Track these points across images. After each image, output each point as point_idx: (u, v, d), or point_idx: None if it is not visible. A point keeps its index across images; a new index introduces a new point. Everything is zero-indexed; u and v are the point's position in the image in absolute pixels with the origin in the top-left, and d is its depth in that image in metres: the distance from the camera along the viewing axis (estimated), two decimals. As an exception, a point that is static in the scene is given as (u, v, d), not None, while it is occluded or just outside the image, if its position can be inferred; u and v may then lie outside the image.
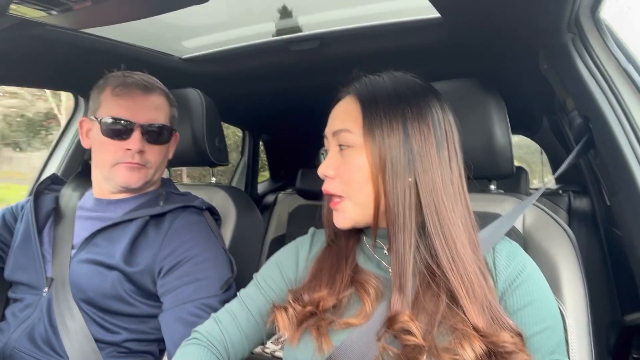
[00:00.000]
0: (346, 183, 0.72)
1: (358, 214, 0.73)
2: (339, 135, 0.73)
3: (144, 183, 1.07)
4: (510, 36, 1.04)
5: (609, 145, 0.88)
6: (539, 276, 0.71)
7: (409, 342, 0.63)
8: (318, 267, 0.78)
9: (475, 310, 0.64)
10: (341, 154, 0.74)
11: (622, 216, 0.94)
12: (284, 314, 0.73)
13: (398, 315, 0.65)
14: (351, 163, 0.72)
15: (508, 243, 0.76)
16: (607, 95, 0.89)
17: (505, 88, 0.99)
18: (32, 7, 0.81)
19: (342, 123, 0.74)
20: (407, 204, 0.68)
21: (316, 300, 0.72)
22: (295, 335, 0.71)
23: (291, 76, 1.54)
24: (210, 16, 1.23)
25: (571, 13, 0.86)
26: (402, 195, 0.68)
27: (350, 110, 0.74)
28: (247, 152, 2.58)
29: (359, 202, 0.72)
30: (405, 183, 0.69)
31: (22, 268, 1.05)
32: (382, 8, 1.19)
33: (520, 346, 0.63)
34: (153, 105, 1.06)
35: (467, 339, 0.62)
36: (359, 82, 0.76)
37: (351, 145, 0.72)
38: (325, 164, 0.75)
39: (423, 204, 0.69)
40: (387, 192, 0.69)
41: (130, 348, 0.98)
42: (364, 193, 0.71)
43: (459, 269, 0.66)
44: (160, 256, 0.99)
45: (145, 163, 1.05)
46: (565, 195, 2.16)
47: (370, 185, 0.70)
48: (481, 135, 0.95)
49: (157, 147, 1.06)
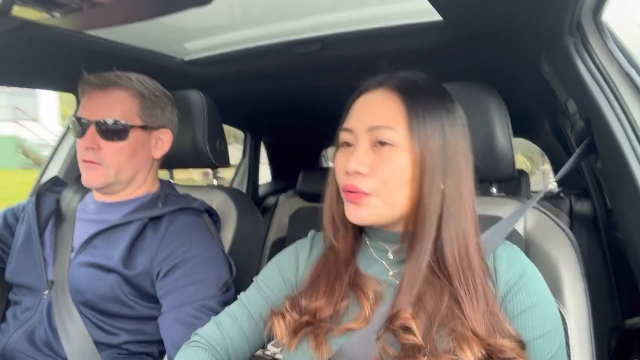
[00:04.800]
0: (382, 182, 0.68)
1: (384, 213, 0.70)
2: (378, 131, 0.69)
3: (105, 184, 1.04)
4: (511, 39, 1.04)
5: (610, 149, 0.88)
6: (540, 280, 0.71)
7: (408, 341, 0.63)
8: (316, 274, 0.77)
9: (477, 317, 0.64)
10: (376, 151, 0.69)
11: (624, 219, 0.94)
12: (281, 321, 0.72)
13: (400, 312, 0.65)
14: (391, 162, 0.68)
15: (508, 246, 0.75)
16: (608, 98, 0.89)
17: (506, 91, 0.99)
18: (35, 9, 0.81)
19: (383, 119, 0.69)
20: (436, 210, 0.68)
21: (313, 310, 0.71)
22: (293, 343, 0.71)
23: (293, 78, 1.55)
24: (212, 18, 1.23)
25: (573, 16, 0.86)
26: (435, 201, 0.68)
27: (390, 106, 0.70)
28: (248, 154, 2.58)
29: (390, 202, 0.69)
30: (438, 189, 0.68)
31: (23, 270, 1.05)
32: (384, 11, 1.18)
33: (519, 352, 0.63)
34: (109, 101, 1.03)
35: (466, 342, 0.61)
36: (397, 78, 0.73)
37: (393, 144, 0.68)
38: (358, 159, 0.69)
39: (445, 211, 0.68)
40: (423, 196, 0.68)
41: (130, 350, 0.98)
42: (399, 194, 0.69)
43: (467, 278, 0.66)
44: (158, 258, 0.98)
45: (99, 160, 1.02)
46: (566, 198, 2.15)
47: (408, 188, 0.68)
48: (482, 138, 0.95)
49: (113, 144, 1.02)
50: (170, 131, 1.13)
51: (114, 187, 1.07)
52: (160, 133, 1.11)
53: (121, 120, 1.02)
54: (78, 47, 1.18)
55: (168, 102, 1.12)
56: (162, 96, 1.11)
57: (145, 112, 1.07)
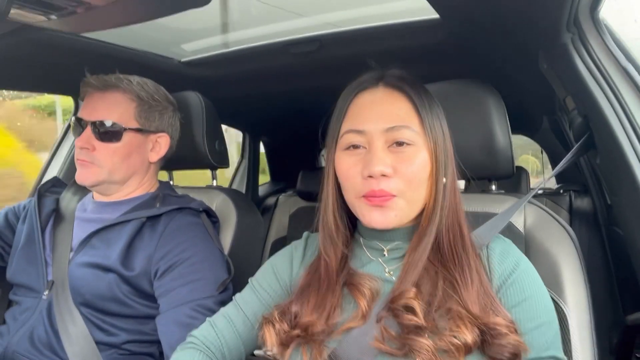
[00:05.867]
0: (407, 181, 0.69)
1: (407, 213, 0.72)
2: (396, 131, 0.70)
3: (97, 182, 1.05)
4: (509, 36, 1.04)
5: (609, 144, 0.88)
6: (533, 272, 0.72)
7: (410, 321, 0.64)
8: (306, 282, 0.76)
9: (471, 298, 0.66)
10: (394, 151, 0.70)
11: (623, 215, 0.94)
12: (272, 330, 0.72)
13: (403, 292, 0.66)
14: (415, 161, 0.70)
15: (501, 240, 0.77)
16: (606, 94, 0.89)
17: (504, 88, 0.99)
18: (32, 12, 0.81)
19: (400, 119, 0.70)
20: (443, 202, 0.72)
21: (304, 325, 0.70)
22: (285, 354, 0.70)
23: (291, 78, 1.55)
24: (209, 19, 1.23)
25: (570, 13, 0.86)
26: (442, 194, 0.72)
27: (402, 105, 0.71)
28: (247, 154, 2.58)
29: (413, 201, 0.71)
30: (442, 182, 0.72)
31: (24, 271, 1.06)
32: (381, 9, 1.19)
33: (512, 329, 0.64)
34: (106, 103, 1.04)
35: (462, 321, 0.63)
36: (393, 76, 0.74)
37: (412, 142, 0.70)
38: (382, 161, 0.68)
39: (446, 203, 0.72)
40: (437, 191, 0.71)
41: (131, 350, 0.98)
42: (420, 192, 0.71)
43: (461, 260, 0.69)
44: (156, 258, 0.98)
45: (92, 160, 1.03)
46: (566, 194, 2.15)
47: (427, 184, 0.71)
48: (481, 136, 0.95)
49: (107, 145, 1.03)
50: (170, 136, 1.13)
51: (107, 187, 1.08)
52: (157, 137, 1.11)
53: (117, 122, 1.03)
54: (75, 50, 1.18)
55: (169, 106, 1.12)
56: (163, 100, 1.11)
57: (142, 115, 1.07)
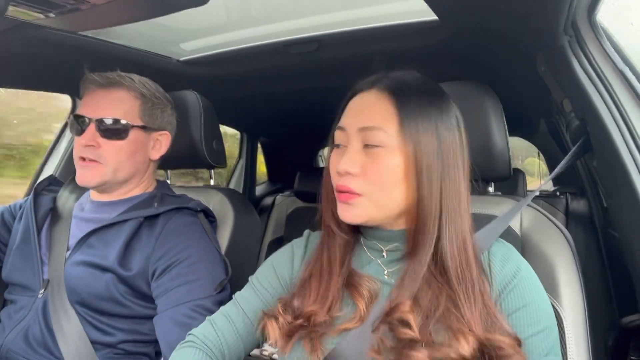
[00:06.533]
0: (373, 183, 0.69)
1: (374, 213, 0.71)
2: (368, 132, 0.69)
3: (101, 182, 1.04)
4: (507, 39, 1.05)
5: (605, 147, 0.88)
6: (534, 278, 0.72)
7: (405, 335, 0.63)
8: (308, 273, 0.76)
9: (474, 318, 0.64)
10: (367, 152, 0.70)
11: (619, 218, 0.94)
12: (274, 323, 0.72)
13: (399, 305, 0.65)
14: (383, 163, 0.68)
15: (502, 245, 0.76)
16: (603, 97, 0.89)
17: (502, 90, 0.99)
18: (30, 10, 0.81)
19: (373, 120, 0.69)
20: (436, 210, 0.68)
21: (307, 314, 0.71)
22: (287, 346, 0.70)
23: (289, 78, 1.55)
24: (208, 18, 1.23)
25: (568, 16, 0.87)
26: (435, 201, 0.68)
27: (381, 107, 0.70)
28: (244, 154, 2.58)
29: (380, 204, 0.70)
30: (437, 188, 0.68)
31: (19, 269, 1.05)
32: (380, 11, 1.19)
33: (516, 348, 0.63)
34: (111, 100, 1.03)
35: (462, 334, 0.62)
36: (388, 79, 0.73)
37: (383, 145, 0.68)
38: (350, 160, 0.69)
39: (444, 210, 0.69)
40: (421, 196, 0.68)
41: (126, 350, 0.98)
42: (390, 195, 0.69)
43: (465, 277, 0.67)
44: (154, 258, 0.98)
45: (98, 158, 1.02)
46: (562, 197, 2.16)
47: (401, 188, 0.69)
48: (479, 138, 0.95)
49: (112, 143, 1.02)
50: (169, 133, 1.13)
51: (109, 187, 1.07)
52: (159, 135, 1.11)
53: (122, 119, 1.03)
54: (73, 48, 1.17)
55: (168, 104, 1.13)
56: (163, 98, 1.11)
57: (146, 113, 1.07)
